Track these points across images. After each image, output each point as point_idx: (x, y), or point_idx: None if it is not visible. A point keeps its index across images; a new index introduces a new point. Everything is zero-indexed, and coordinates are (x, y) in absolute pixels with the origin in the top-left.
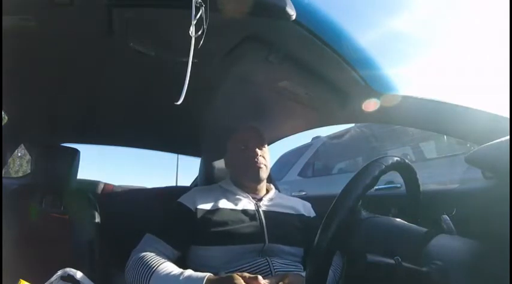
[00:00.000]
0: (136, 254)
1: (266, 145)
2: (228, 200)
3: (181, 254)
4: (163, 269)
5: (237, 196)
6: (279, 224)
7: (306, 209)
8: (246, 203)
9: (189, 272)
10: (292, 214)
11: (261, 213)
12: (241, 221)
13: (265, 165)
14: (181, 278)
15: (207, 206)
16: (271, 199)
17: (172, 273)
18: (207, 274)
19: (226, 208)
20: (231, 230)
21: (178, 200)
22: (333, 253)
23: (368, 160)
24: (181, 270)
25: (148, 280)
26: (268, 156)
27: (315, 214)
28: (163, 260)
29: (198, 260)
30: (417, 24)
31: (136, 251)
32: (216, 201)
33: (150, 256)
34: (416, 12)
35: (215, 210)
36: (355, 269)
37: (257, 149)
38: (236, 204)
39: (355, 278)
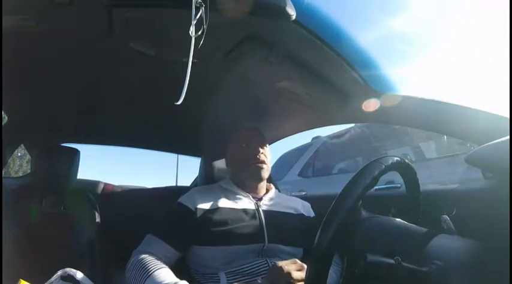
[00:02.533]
0: (137, 256)
1: (267, 145)
2: (228, 199)
3: (182, 255)
4: (158, 276)
5: (237, 196)
6: (279, 225)
7: (305, 209)
8: (246, 202)
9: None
10: (292, 213)
11: (261, 212)
12: (241, 221)
13: (266, 164)
14: None
15: (207, 206)
16: (271, 199)
17: (165, 282)
18: None
19: (226, 207)
20: (230, 230)
21: (178, 200)
22: (333, 253)
23: (368, 160)
24: (175, 280)
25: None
26: (269, 156)
27: (314, 214)
28: (161, 265)
29: (198, 260)
30: (417, 24)
31: (137, 252)
32: (216, 200)
33: (149, 259)
34: (416, 12)
35: (215, 210)
36: (355, 269)
37: (259, 147)
38: (236, 203)
39: (355, 278)
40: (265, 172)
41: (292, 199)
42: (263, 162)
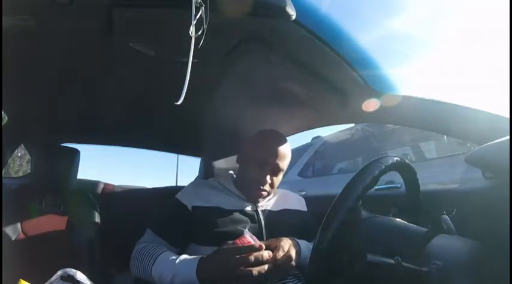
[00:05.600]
0: (140, 245)
1: (284, 168)
2: (226, 199)
3: (181, 252)
4: (164, 256)
5: (235, 196)
6: (278, 225)
7: (300, 204)
8: (244, 203)
9: (184, 255)
10: (290, 210)
11: (260, 213)
12: (239, 222)
13: (268, 192)
14: (177, 261)
15: (205, 204)
16: (269, 199)
17: (170, 258)
18: (200, 256)
19: (223, 208)
20: (229, 231)
21: (176, 196)
22: (333, 252)
23: (368, 160)
24: (178, 255)
25: (151, 267)
26: (280, 178)
27: (306, 209)
28: (164, 249)
29: None
30: (417, 24)
31: (139, 243)
32: (214, 199)
33: (153, 246)
34: (416, 12)
35: (213, 209)
36: (355, 269)
37: (270, 175)
38: (234, 204)
39: (355, 278)
40: (264, 198)
41: (288, 194)
42: (265, 191)
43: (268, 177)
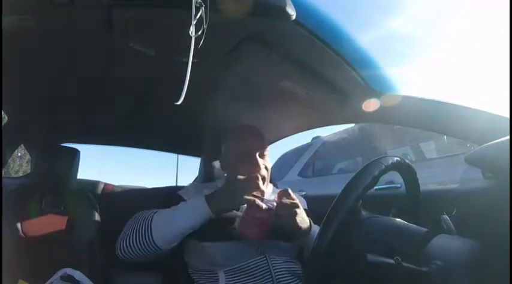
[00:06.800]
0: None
1: (267, 149)
2: None
3: (181, 248)
4: (162, 211)
5: None
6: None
7: (302, 204)
8: None
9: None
10: None
11: None
12: (238, 217)
13: (265, 177)
14: (183, 205)
15: None
16: (269, 196)
17: (171, 208)
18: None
19: None
20: (228, 226)
21: (178, 192)
22: (333, 253)
23: (368, 160)
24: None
25: (150, 225)
26: (268, 161)
27: (307, 209)
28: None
29: (197, 256)
30: (417, 24)
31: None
32: None
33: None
34: (416, 12)
35: None
36: (355, 269)
37: (259, 159)
38: None
39: (355, 278)
40: (263, 187)
41: None
42: (263, 179)
43: (259, 161)
